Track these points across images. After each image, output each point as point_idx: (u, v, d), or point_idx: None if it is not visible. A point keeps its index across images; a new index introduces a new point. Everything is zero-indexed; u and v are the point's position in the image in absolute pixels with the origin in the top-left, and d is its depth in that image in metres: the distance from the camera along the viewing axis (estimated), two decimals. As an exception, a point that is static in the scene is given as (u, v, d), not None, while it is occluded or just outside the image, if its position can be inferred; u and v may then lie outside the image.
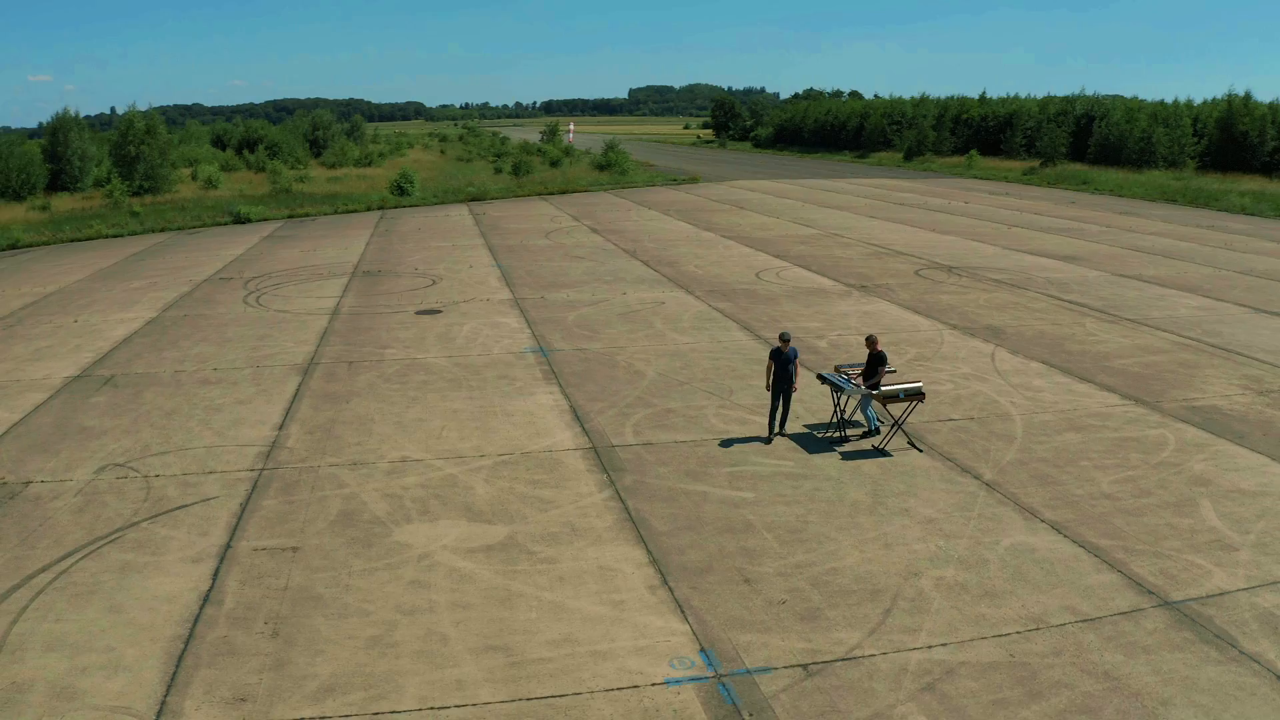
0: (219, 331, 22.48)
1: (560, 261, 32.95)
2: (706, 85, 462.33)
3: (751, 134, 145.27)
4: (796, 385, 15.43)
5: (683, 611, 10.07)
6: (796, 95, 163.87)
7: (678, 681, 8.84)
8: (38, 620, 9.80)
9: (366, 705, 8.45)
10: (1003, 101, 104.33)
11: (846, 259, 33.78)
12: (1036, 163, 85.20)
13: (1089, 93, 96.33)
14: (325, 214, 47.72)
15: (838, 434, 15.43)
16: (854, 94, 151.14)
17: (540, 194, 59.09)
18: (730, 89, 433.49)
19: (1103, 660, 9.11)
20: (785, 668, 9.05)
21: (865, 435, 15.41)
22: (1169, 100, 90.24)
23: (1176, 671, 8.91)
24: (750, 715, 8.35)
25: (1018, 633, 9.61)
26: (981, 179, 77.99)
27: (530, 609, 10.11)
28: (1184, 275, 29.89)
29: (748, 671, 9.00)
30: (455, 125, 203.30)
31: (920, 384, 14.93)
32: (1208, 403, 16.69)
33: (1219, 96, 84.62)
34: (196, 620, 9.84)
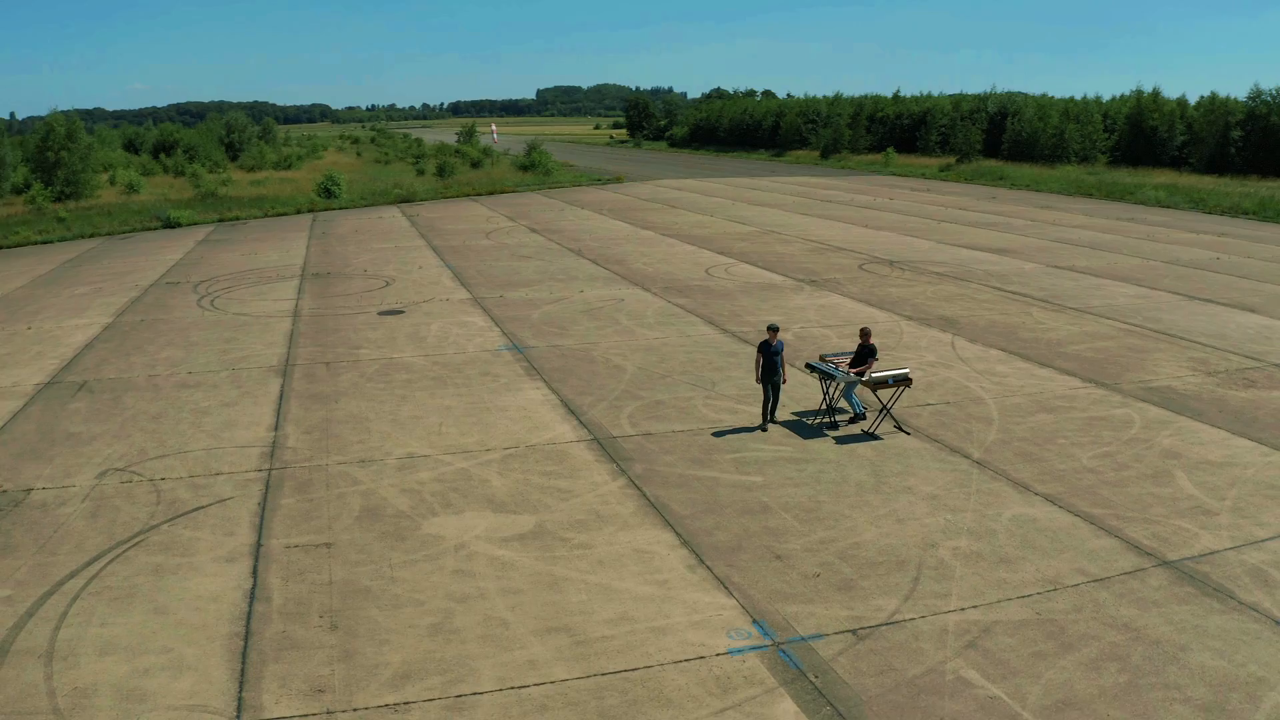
0: (183, 335, 22.03)
1: (509, 261, 33.05)
2: (614, 85, 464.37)
3: (667, 133, 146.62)
4: (785, 376, 16.01)
5: (725, 588, 10.50)
6: (709, 95, 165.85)
7: (740, 651, 9.27)
8: (81, 626, 9.70)
9: (447, 689, 8.66)
10: (916, 100, 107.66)
11: (789, 255, 34.69)
12: (952, 159, 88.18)
13: (1000, 90, 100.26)
14: (256, 217, 46.77)
15: (828, 420, 16.07)
16: (767, 93, 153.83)
17: (469, 195, 58.84)
18: (638, 89, 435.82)
19: (1119, 614, 9.87)
20: (835, 634, 9.57)
21: (852, 420, 16.08)
22: (1078, 97, 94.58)
23: (1187, 621, 9.72)
24: (816, 677, 8.83)
25: (1038, 594, 10.32)
26: (900, 176, 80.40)
27: (579, 592, 10.42)
28: (1114, 266, 31.63)
29: (802, 639, 9.48)
30: (363, 127, 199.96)
31: (907, 370, 15.68)
32: (1162, 384, 17.88)
33: (1127, 93, 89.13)
34: (249, 617, 9.87)
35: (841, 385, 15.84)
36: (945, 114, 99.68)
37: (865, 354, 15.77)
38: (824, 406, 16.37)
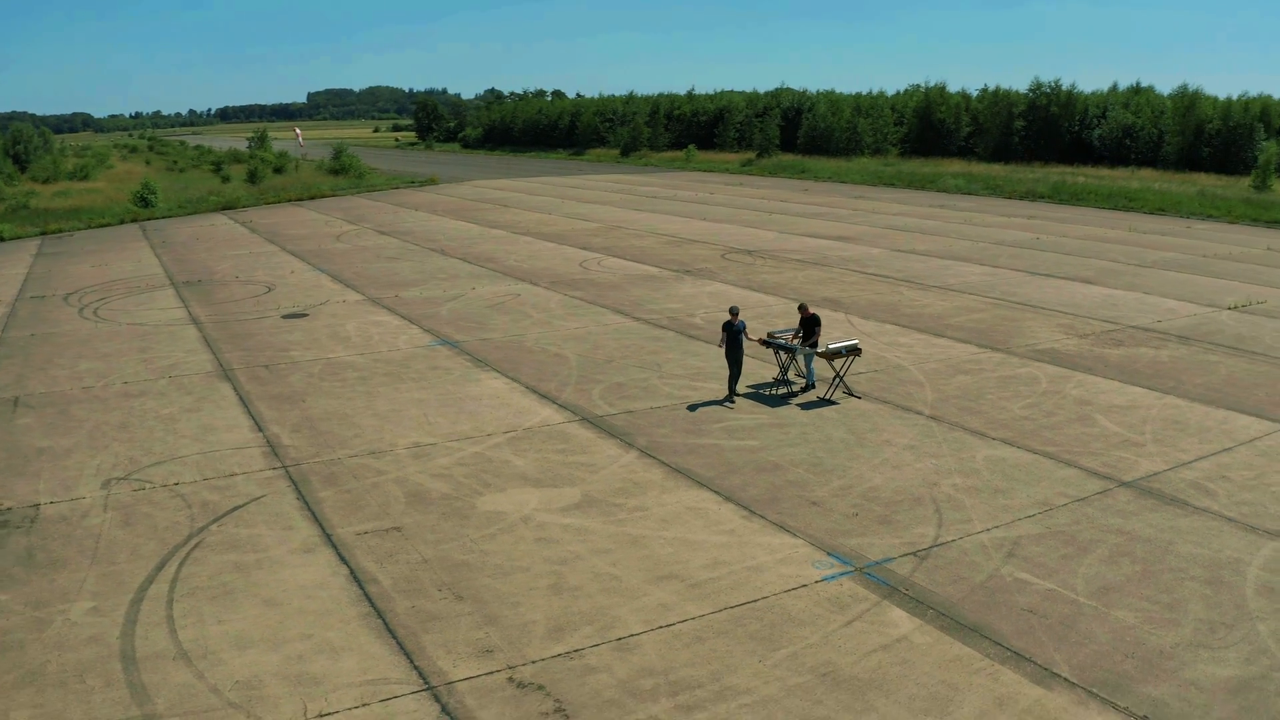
0: (89, 347, 20.75)
1: (379, 263, 32.73)
2: (387, 88, 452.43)
3: (460, 135, 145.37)
4: (744, 351, 17.47)
5: (787, 530, 11.77)
6: (485, 95, 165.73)
7: (833, 577, 10.58)
8: (197, 626, 9.67)
9: (604, 635, 9.44)
10: (711, 97, 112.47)
11: (649, 248, 36.27)
12: (753, 154, 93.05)
13: (788, 86, 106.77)
14: (78, 229, 43.28)
15: (785, 390, 17.65)
16: (557, 93, 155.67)
17: (290, 201, 56.76)
18: (411, 90, 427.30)
19: (1109, 523, 11.95)
20: (900, 556, 11.07)
21: (805, 389, 17.73)
22: (864, 92, 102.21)
23: (1163, 524, 11.92)
24: (905, 589, 10.28)
25: (1038, 514, 12.26)
26: (705, 171, 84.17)
27: (663, 546, 11.37)
28: (950, 248, 35.32)
29: (876, 563, 10.92)
30: (130, 135, 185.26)
31: (857, 341, 17.52)
32: (1046, 346, 20.72)
33: (909, 87, 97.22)
34: (369, 599, 10.17)
35: (801, 357, 17.46)
36: (741, 111, 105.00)
37: (811, 324, 17.46)
38: (779, 378, 17.93)
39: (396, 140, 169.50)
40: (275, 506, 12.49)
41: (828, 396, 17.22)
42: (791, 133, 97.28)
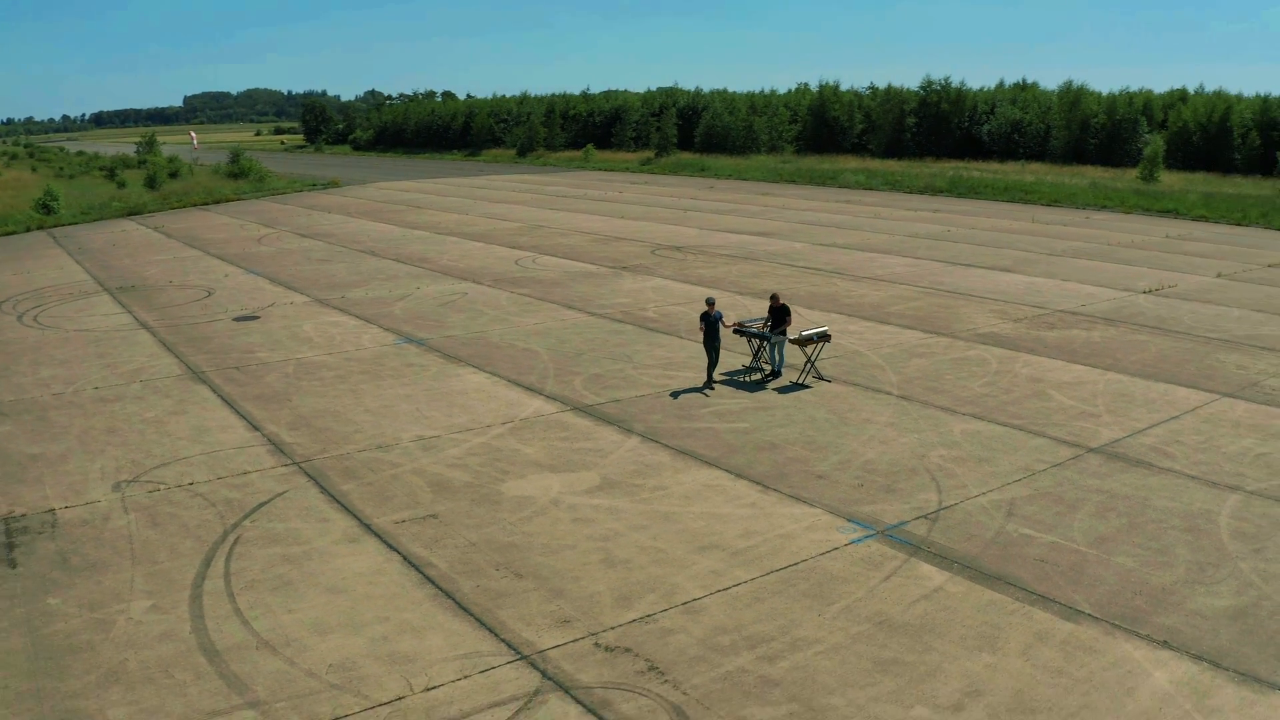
0: (43, 354, 20.08)
1: (310, 265, 32.35)
2: (265, 90, 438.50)
3: (350, 137, 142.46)
4: (721, 340, 18.27)
5: (804, 501, 12.58)
6: (365, 97, 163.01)
7: (860, 540, 11.43)
8: (269, 616, 9.83)
9: (669, 600, 10.04)
10: (606, 97, 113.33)
11: (578, 246, 36.79)
12: (651, 153, 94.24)
13: (681, 86, 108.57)
14: (-25, 235, 41.15)
15: (759, 376, 18.52)
16: (447, 94, 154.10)
17: (195, 205, 55.00)
18: (290, 93, 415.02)
19: (1089, 484, 13.16)
20: (913, 520, 12.00)
21: (772, 376, 18.63)
22: (758, 91, 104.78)
23: (1136, 483, 13.20)
24: (927, 548, 11.21)
25: (1024, 478, 13.39)
26: (606, 170, 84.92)
27: (694, 520, 12.03)
28: (869, 242, 36.93)
29: (894, 526, 11.82)
30: (3, 142, 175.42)
31: (826, 328, 18.50)
32: (987, 330, 22.17)
33: (798, 86, 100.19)
34: (432, 581, 10.51)
35: (776, 345, 18.34)
36: (636, 110, 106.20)
37: (781, 313, 18.37)
38: (751, 365, 18.79)
39: (282, 143, 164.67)
40: (302, 501, 12.62)
41: (801, 381, 18.14)
42: (688, 131, 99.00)
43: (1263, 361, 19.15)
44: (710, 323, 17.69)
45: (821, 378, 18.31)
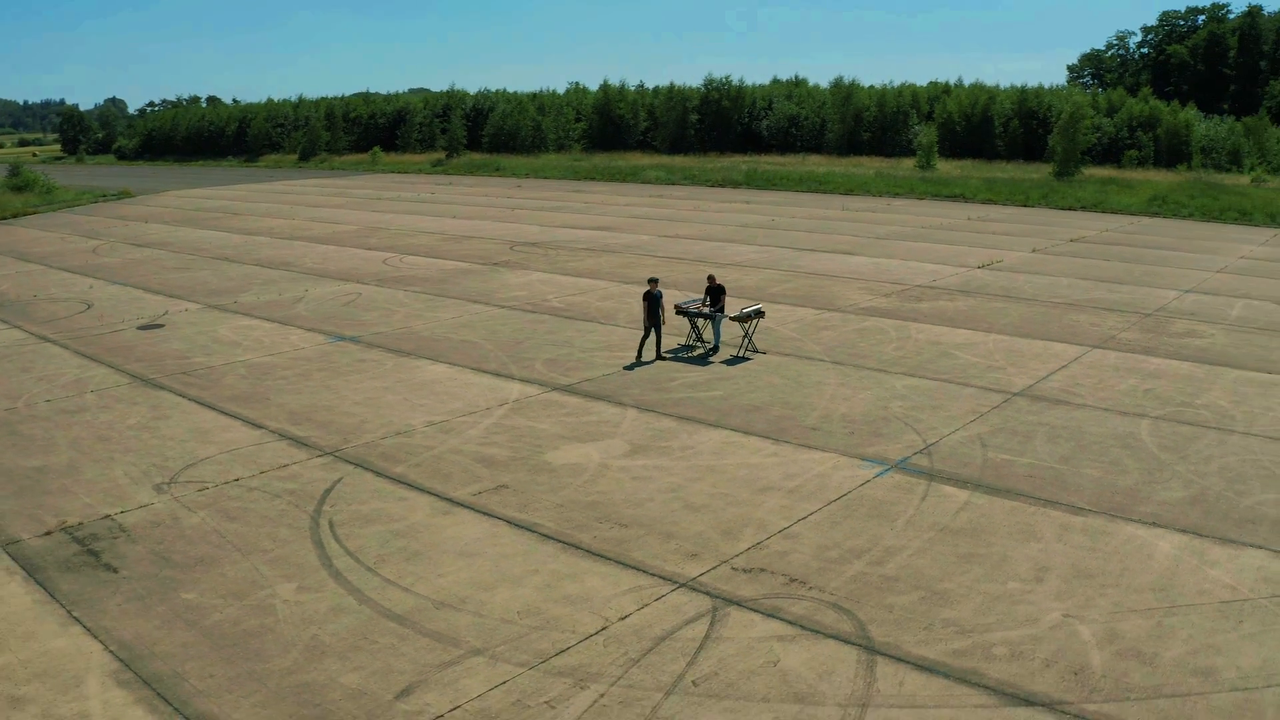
0: (-48, 372, 18.63)
1: (173, 274, 30.99)
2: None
3: (115, 146, 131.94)
4: (665, 319, 19.90)
5: (814, 448, 14.50)
6: (106, 104, 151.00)
7: (883, 473, 13.48)
8: (427, 581, 10.44)
9: (765, 530, 11.61)
10: (388, 99, 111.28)
11: (433, 245, 37.16)
12: (441, 154, 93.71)
13: (459, 87, 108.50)
14: None
15: (700, 351, 20.32)
16: (212, 99, 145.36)
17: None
18: (26, 103, 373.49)
19: (1029, 419, 15.89)
20: (913, 455, 14.21)
21: (712, 352, 20.49)
22: (537, 92, 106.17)
23: (1065, 415, 16.06)
24: (936, 475, 13.42)
25: (975, 419, 15.95)
26: (399, 173, 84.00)
27: (737, 469, 13.64)
28: (710, 232, 39.53)
29: (902, 460, 13.97)
30: None
31: (760, 305, 20.55)
32: (867, 305, 25.03)
33: (571, 85, 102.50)
34: (553, 537, 11.53)
35: (714, 322, 20.18)
36: (420, 112, 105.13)
37: (718, 292, 20.28)
38: (691, 341, 20.57)
39: (34, 154, 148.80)
40: (365, 484, 13.13)
41: (740, 354, 20.08)
42: (475, 132, 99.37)
43: (1109, 320, 23.10)
44: (653, 300, 19.27)
45: (757, 350, 20.33)
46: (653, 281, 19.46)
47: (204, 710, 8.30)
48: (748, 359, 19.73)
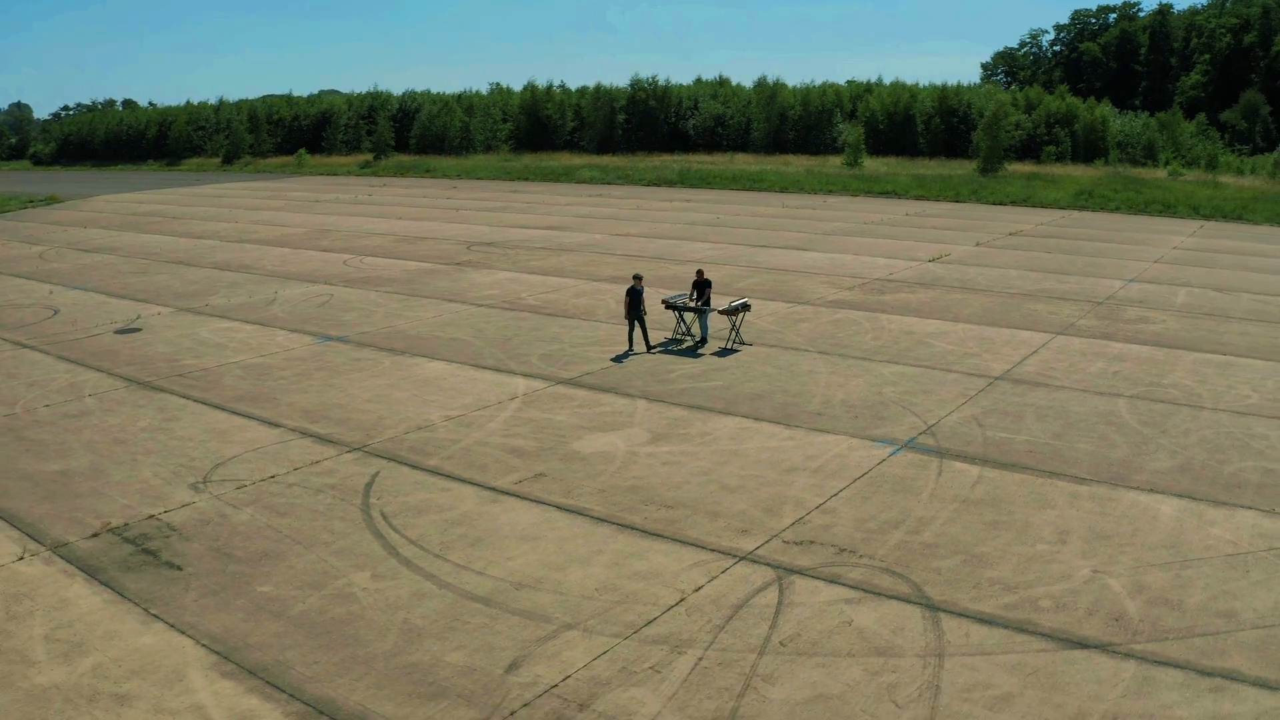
0: (-62, 381, 18.17)
1: (133, 278, 30.40)
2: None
3: (30, 152, 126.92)
4: (645, 311, 20.48)
5: (826, 431, 15.29)
6: (11, 109, 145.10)
7: (896, 452, 14.33)
8: (496, 566, 10.89)
9: (803, 507, 12.29)
10: (310, 100, 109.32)
11: (389, 246, 37.07)
12: (368, 156, 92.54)
13: (379, 89, 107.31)
14: None
15: (689, 344, 20.99)
16: (129, 103, 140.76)
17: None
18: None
19: (1015, 400, 16.96)
20: (919, 435, 15.12)
21: (700, 344, 21.19)
22: (462, 92, 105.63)
23: (1047, 397, 17.17)
24: (946, 453, 14.34)
25: (966, 402, 16.95)
26: (327, 175, 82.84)
27: (759, 453, 14.34)
28: (661, 230, 40.25)
29: (909, 440, 14.86)
30: None
31: (746, 299, 21.31)
32: (835, 298, 26.02)
33: (493, 85, 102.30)
34: (605, 520, 12.05)
35: (701, 315, 20.87)
36: (344, 113, 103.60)
37: (704, 286, 21.00)
38: (679, 334, 21.24)
39: None
40: (405, 477, 13.45)
41: (729, 346, 20.82)
42: (402, 134, 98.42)
43: (1065, 308, 24.50)
44: (635, 295, 19.90)
45: (744, 342, 21.09)
46: (637, 278, 20.10)
47: (320, 694, 8.61)
48: (737, 350, 20.46)
